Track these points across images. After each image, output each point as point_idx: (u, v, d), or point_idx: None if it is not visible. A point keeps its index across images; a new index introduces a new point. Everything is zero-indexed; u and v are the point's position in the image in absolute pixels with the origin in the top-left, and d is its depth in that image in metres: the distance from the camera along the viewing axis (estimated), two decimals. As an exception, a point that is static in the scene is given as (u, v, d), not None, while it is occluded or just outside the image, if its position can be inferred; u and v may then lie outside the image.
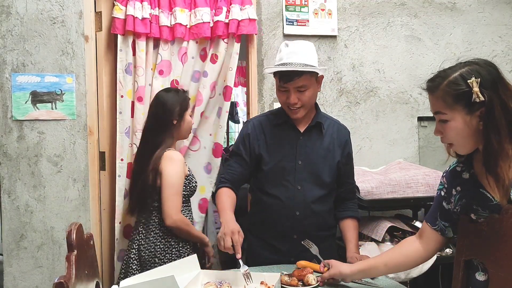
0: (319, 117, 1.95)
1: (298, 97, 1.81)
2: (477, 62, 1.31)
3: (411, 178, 2.35)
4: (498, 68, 1.31)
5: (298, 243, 1.88)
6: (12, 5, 2.38)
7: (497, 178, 1.26)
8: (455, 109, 1.28)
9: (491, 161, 1.27)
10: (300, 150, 1.90)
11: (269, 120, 1.97)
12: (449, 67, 1.34)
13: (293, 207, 1.87)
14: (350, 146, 2.01)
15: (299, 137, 1.91)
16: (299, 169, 1.88)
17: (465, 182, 1.39)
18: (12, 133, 2.39)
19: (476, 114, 1.26)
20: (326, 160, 1.91)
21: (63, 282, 1.11)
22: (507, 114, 1.25)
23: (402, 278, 2.20)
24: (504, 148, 1.25)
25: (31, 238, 2.41)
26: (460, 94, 1.27)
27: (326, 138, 1.94)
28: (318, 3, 2.70)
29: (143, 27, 2.40)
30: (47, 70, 2.42)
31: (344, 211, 1.99)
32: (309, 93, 1.82)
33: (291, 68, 1.78)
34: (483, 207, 1.31)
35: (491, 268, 1.27)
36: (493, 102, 1.24)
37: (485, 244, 1.29)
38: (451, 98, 1.28)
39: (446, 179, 1.47)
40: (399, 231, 2.34)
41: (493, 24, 2.96)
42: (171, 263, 1.61)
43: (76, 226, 1.29)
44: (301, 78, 1.78)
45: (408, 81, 2.86)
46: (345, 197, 2.01)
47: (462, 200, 1.38)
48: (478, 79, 1.24)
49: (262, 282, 1.53)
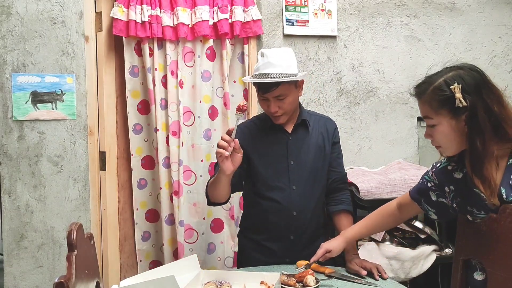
0: (304, 115, 1.95)
1: (278, 105, 1.82)
2: (461, 67, 1.34)
3: (411, 178, 2.35)
4: (483, 72, 1.35)
5: (294, 244, 1.89)
6: (12, 6, 2.38)
7: (483, 179, 1.29)
8: (440, 114, 1.32)
9: (476, 163, 1.30)
10: (290, 151, 1.90)
11: (256, 125, 1.98)
12: (435, 72, 1.38)
13: (290, 207, 1.87)
14: (337, 135, 2.00)
15: (288, 137, 1.92)
16: (292, 169, 1.88)
17: (457, 181, 1.40)
18: (12, 133, 2.39)
19: (462, 118, 1.30)
20: (319, 156, 1.91)
21: (63, 282, 1.11)
22: (491, 117, 1.28)
23: (402, 278, 2.21)
24: (489, 150, 1.29)
25: (31, 238, 2.41)
26: (445, 100, 1.30)
27: (314, 134, 1.94)
28: (318, 4, 2.70)
29: (143, 31, 2.42)
30: (48, 70, 2.42)
31: (337, 204, 1.95)
32: (289, 100, 1.82)
33: (267, 80, 1.77)
34: (478, 207, 1.32)
35: (489, 267, 1.28)
36: (476, 106, 1.28)
37: (483, 244, 1.30)
38: (437, 104, 1.32)
39: (436, 176, 1.49)
40: (398, 231, 2.34)
41: (492, 24, 2.96)
42: (171, 263, 1.62)
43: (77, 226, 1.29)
44: (279, 88, 1.78)
45: (407, 81, 2.86)
46: (336, 188, 1.97)
47: (457, 199, 1.40)
48: (460, 85, 1.28)
49: (262, 282, 1.54)
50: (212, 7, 2.53)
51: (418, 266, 2.24)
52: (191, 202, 2.57)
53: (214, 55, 2.58)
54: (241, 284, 1.55)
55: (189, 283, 1.48)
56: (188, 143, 2.57)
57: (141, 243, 2.62)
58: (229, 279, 1.58)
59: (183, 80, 2.53)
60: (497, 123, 1.28)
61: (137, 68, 2.53)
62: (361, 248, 2.23)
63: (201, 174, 2.58)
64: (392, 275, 2.18)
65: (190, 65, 2.56)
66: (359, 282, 1.62)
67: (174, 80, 2.51)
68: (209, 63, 2.58)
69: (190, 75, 2.56)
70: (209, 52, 2.57)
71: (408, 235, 2.33)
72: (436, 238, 2.34)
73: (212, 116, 2.60)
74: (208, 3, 2.51)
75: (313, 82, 2.73)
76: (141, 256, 2.62)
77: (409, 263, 2.22)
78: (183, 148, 2.52)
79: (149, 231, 2.64)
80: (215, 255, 2.60)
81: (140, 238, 2.62)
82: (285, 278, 1.57)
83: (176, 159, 2.50)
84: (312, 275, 1.58)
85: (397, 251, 2.22)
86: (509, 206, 1.22)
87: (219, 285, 1.54)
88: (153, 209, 2.64)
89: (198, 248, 2.58)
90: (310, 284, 1.55)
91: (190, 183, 2.57)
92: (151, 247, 2.65)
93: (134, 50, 2.51)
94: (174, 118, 2.51)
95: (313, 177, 1.90)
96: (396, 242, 2.29)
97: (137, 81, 2.55)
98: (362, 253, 2.13)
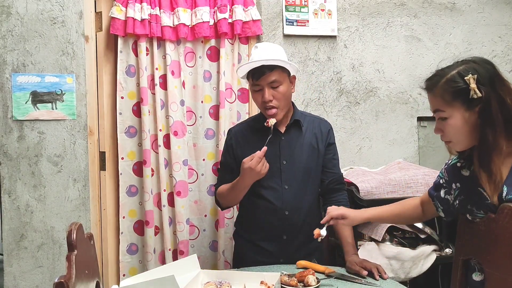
0: (297, 115, 1.96)
1: (272, 94, 1.83)
2: (474, 60, 1.34)
3: (411, 178, 2.35)
4: (495, 65, 1.35)
5: (288, 244, 1.89)
6: (12, 5, 2.38)
7: (490, 174, 1.28)
8: (453, 106, 1.31)
9: (485, 156, 1.30)
10: (283, 151, 1.91)
11: (250, 126, 1.99)
12: (446, 66, 1.37)
13: (282, 207, 1.88)
14: (332, 136, 2.00)
15: (281, 137, 1.92)
16: (285, 169, 1.89)
17: (464, 179, 1.41)
18: (12, 133, 2.39)
19: (475, 110, 1.29)
20: (312, 156, 1.92)
21: (63, 282, 1.11)
22: (504, 110, 1.27)
23: (402, 278, 2.21)
24: (499, 144, 1.28)
25: (31, 238, 2.41)
26: (458, 91, 1.29)
27: (308, 135, 1.94)
28: (318, 4, 2.70)
29: (142, 29, 2.41)
30: (47, 70, 2.42)
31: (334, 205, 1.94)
32: (283, 89, 1.84)
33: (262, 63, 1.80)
34: (478, 206, 1.32)
35: (487, 268, 1.28)
36: (490, 98, 1.27)
37: (482, 244, 1.30)
38: (450, 96, 1.31)
39: (447, 172, 1.50)
40: (398, 231, 2.34)
41: (492, 24, 2.96)
42: (171, 263, 1.62)
43: (77, 226, 1.29)
44: (273, 73, 1.81)
45: (407, 81, 2.86)
46: (333, 189, 1.97)
47: (460, 196, 1.40)
48: (475, 75, 1.27)
49: (262, 282, 1.54)
50: (213, 7, 2.53)
51: (418, 266, 2.24)
52: (192, 200, 2.58)
53: (215, 55, 2.58)
54: (241, 284, 1.55)
55: (189, 283, 1.48)
56: (190, 142, 2.57)
57: (125, 255, 2.50)
58: (229, 279, 1.58)
59: (184, 81, 2.53)
60: (509, 117, 1.28)
61: (133, 68, 2.49)
62: (361, 248, 2.23)
63: (202, 172, 2.59)
64: (392, 275, 2.18)
65: (191, 65, 2.57)
66: (359, 282, 1.62)
67: (175, 80, 2.50)
68: (210, 63, 2.58)
69: (191, 75, 2.57)
70: (210, 52, 2.58)
71: (408, 235, 2.33)
72: (436, 238, 2.33)
73: (213, 116, 2.60)
74: (208, 3, 2.51)
75: (313, 82, 2.73)
76: (124, 269, 2.48)
77: (409, 263, 2.22)
78: (186, 147, 2.53)
79: (137, 243, 2.53)
80: (217, 253, 2.60)
81: (125, 249, 2.51)
82: (286, 279, 1.57)
83: (179, 159, 2.49)
84: (313, 275, 1.58)
85: (397, 251, 2.22)
86: (507, 206, 1.22)
87: (219, 285, 1.54)
88: (141, 220, 2.52)
89: (199, 245, 2.60)
90: (311, 284, 1.55)
91: (191, 181, 2.58)
92: (137, 262, 2.52)
93: (131, 49, 2.48)
94: (176, 118, 2.50)
95: (306, 177, 1.91)
96: (396, 242, 2.29)
97: (133, 81, 2.50)
98: (362, 253, 2.13)
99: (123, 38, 2.45)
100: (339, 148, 2.05)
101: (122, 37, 2.45)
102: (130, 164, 2.51)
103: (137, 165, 2.52)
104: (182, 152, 2.50)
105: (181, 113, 2.51)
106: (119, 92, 2.48)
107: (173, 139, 2.49)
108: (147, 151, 2.46)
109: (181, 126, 2.51)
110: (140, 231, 2.52)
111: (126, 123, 2.50)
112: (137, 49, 2.46)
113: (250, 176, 1.81)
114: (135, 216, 2.53)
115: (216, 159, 2.58)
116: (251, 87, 1.90)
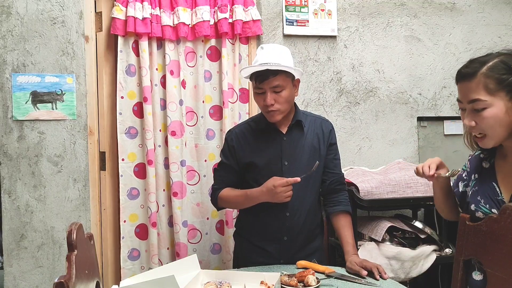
0: (299, 116, 1.94)
1: (274, 98, 1.81)
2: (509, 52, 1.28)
3: (411, 178, 2.35)
4: None
5: (289, 245, 1.89)
6: (12, 5, 2.38)
7: None
8: (497, 95, 1.24)
9: None
10: (285, 151, 1.90)
11: (251, 127, 1.97)
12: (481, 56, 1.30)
13: (283, 208, 1.87)
14: (333, 136, 2.00)
15: (283, 138, 1.92)
16: (286, 170, 1.88)
17: (483, 171, 1.39)
18: (12, 133, 2.39)
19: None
20: (313, 157, 1.91)
21: (63, 282, 1.11)
22: None
23: (402, 278, 2.21)
24: None
25: (31, 238, 2.41)
26: (503, 80, 1.23)
27: (309, 135, 1.93)
28: (318, 4, 2.70)
29: (143, 27, 2.40)
30: (48, 70, 2.42)
31: (335, 205, 1.95)
32: (285, 94, 1.82)
33: (266, 67, 1.78)
34: (487, 199, 1.32)
35: (488, 268, 1.28)
36: None
37: (483, 244, 1.29)
38: (494, 83, 1.24)
39: (470, 163, 1.47)
40: (398, 231, 2.34)
41: (492, 24, 2.96)
42: (171, 263, 1.62)
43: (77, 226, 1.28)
44: (277, 78, 1.79)
45: (407, 81, 2.86)
46: (334, 189, 1.97)
47: (475, 187, 1.39)
48: None
49: (262, 282, 1.54)
50: (213, 7, 2.53)
51: (418, 266, 2.24)
52: (194, 202, 2.57)
53: (215, 55, 2.59)
54: (241, 284, 1.55)
55: (189, 283, 1.48)
56: (191, 143, 2.56)
57: (127, 261, 2.47)
58: (229, 279, 1.58)
59: (186, 80, 2.53)
60: None
61: (133, 67, 2.48)
62: (361, 248, 2.23)
63: (204, 174, 2.58)
64: (392, 275, 2.18)
65: (192, 65, 2.57)
66: (359, 282, 1.62)
67: (174, 79, 2.50)
68: (211, 63, 2.58)
69: (192, 75, 2.57)
70: (210, 52, 2.58)
71: (408, 235, 2.33)
72: (436, 238, 2.34)
73: (213, 116, 2.60)
74: (208, 3, 2.52)
75: (313, 82, 2.73)
76: (125, 276, 2.40)
77: (409, 263, 2.22)
78: (186, 148, 2.52)
79: (138, 249, 2.50)
80: (220, 256, 2.60)
81: (127, 256, 2.48)
82: (286, 279, 1.57)
83: (176, 159, 2.49)
84: (313, 275, 1.58)
85: (397, 251, 2.22)
86: (509, 206, 1.22)
87: (219, 285, 1.54)
88: (144, 224, 2.50)
89: (201, 249, 2.58)
90: (311, 284, 1.54)
91: (193, 183, 2.57)
92: (139, 269, 2.48)
93: (132, 48, 2.48)
94: (174, 118, 2.50)
95: (307, 178, 1.90)
96: (396, 242, 2.29)
97: (133, 81, 2.49)
98: (362, 253, 2.14)
99: (123, 38, 2.46)
100: (339, 148, 2.05)
101: (122, 36, 2.45)
102: (131, 166, 2.50)
103: (138, 167, 2.51)
104: (179, 153, 2.50)
105: (180, 113, 2.51)
106: (119, 92, 2.48)
107: (170, 139, 2.49)
108: (151, 151, 2.46)
109: (179, 126, 2.51)
110: (142, 236, 2.50)
111: (126, 123, 2.49)
112: (138, 48, 2.46)
113: (271, 196, 1.78)
114: (136, 220, 2.50)
115: (217, 160, 2.58)
116: (254, 88, 1.89)
